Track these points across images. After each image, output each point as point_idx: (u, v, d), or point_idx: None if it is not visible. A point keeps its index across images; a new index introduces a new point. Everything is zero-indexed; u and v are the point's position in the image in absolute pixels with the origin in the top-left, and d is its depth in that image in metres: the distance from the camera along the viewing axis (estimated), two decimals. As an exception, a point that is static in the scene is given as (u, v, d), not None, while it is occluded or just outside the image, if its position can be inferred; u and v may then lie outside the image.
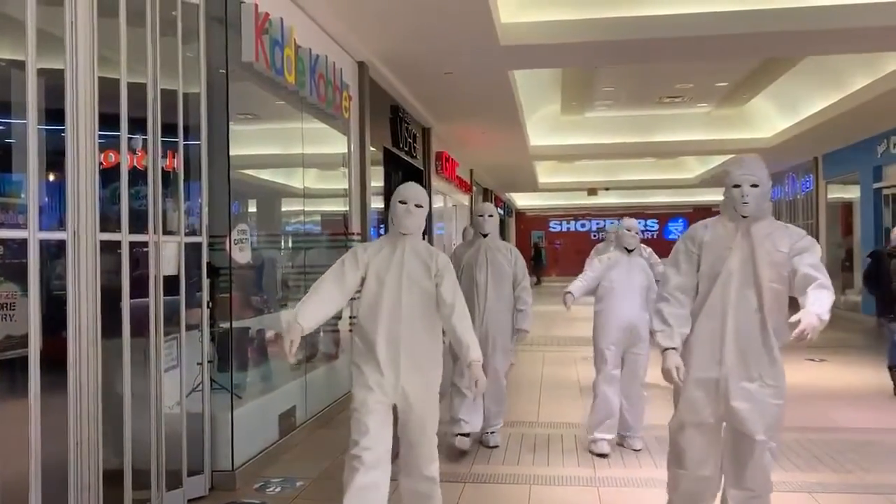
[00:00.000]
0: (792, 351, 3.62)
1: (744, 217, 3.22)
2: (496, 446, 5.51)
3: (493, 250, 5.51)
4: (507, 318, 5.51)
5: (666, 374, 3.17)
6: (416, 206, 3.48)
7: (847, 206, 16.01)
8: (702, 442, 3.32)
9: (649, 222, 30.88)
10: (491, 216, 5.54)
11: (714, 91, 13.17)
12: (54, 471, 3.39)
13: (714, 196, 27.62)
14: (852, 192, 15.30)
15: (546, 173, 22.09)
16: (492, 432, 5.57)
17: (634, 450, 5.36)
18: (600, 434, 5.30)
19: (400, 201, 3.48)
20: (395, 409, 3.44)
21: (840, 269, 15.44)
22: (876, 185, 13.71)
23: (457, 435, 5.37)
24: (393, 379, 3.35)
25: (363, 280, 3.44)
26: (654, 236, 30.19)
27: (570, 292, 5.38)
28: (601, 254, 6.99)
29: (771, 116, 14.28)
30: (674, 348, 3.21)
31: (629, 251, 5.46)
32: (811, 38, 7.63)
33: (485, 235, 5.53)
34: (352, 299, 3.61)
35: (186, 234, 4.33)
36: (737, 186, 3.21)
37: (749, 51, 8.82)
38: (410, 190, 3.53)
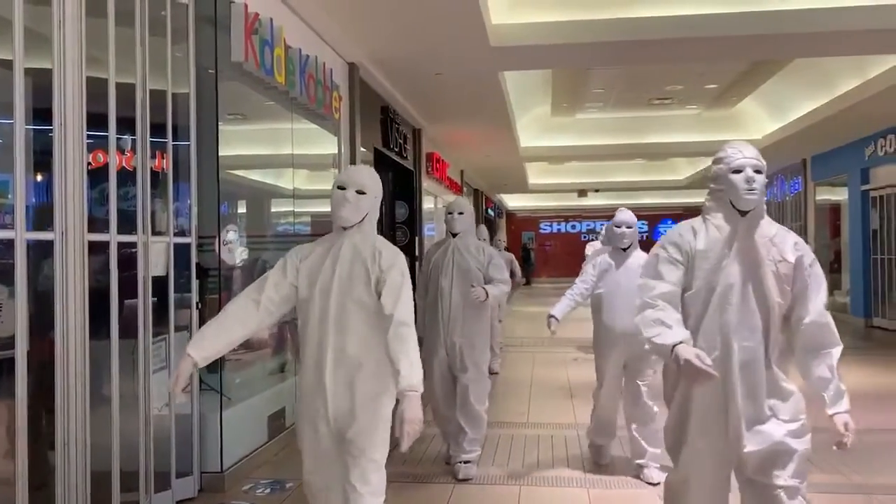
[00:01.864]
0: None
1: (743, 214, 2.64)
2: (468, 479, 4.78)
3: (461, 251, 4.91)
4: (478, 328, 4.92)
5: (687, 365, 2.43)
6: (358, 192, 2.85)
7: (835, 208, 16.12)
8: (711, 500, 2.77)
9: (639, 223, 30.91)
10: (461, 213, 4.95)
11: (704, 93, 13.22)
12: (41, 472, 3.37)
13: (704, 197, 27.69)
14: (840, 194, 15.40)
15: (536, 174, 22.11)
16: (466, 462, 4.84)
17: (652, 484, 4.61)
18: (600, 440, 5.08)
19: (338, 186, 2.86)
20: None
21: (829, 270, 15.54)
22: (864, 188, 13.81)
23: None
24: (323, 405, 2.79)
25: (297, 289, 2.87)
26: (644, 238, 30.22)
27: (553, 316, 4.83)
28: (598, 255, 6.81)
29: (760, 118, 14.35)
30: (681, 342, 2.50)
31: (624, 250, 4.87)
32: (799, 41, 7.67)
33: (454, 235, 4.98)
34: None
35: (175, 235, 4.31)
36: (737, 172, 2.62)
37: (738, 53, 8.85)
38: (352, 173, 2.93)
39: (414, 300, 2.80)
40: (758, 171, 2.62)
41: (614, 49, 7.87)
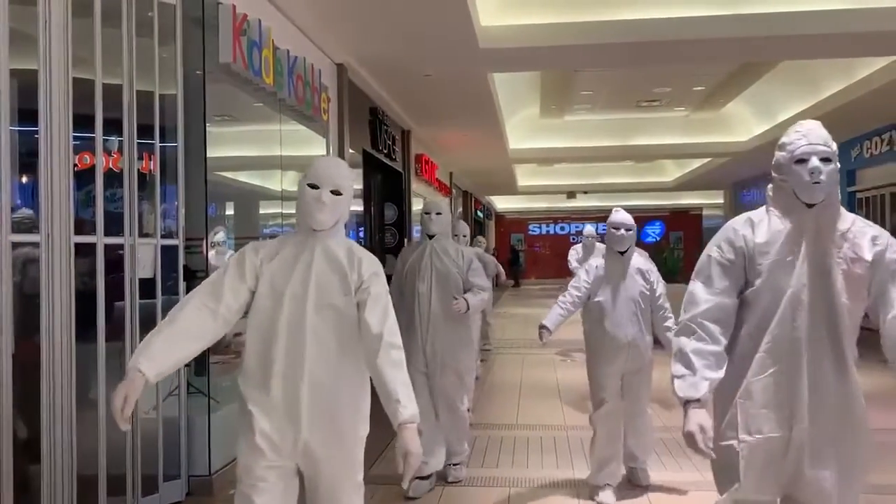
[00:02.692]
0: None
1: (810, 206, 2.31)
2: (458, 481, 4.73)
3: (439, 254, 4.63)
4: (459, 335, 4.66)
5: (688, 438, 2.26)
6: (334, 192, 2.48)
7: (822, 210, 16.21)
8: None
9: (628, 225, 31.05)
10: (439, 214, 4.67)
11: (691, 95, 13.29)
12: (27, 476, 3.34)
13: (691, 199, 28.03)
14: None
15: (525, 176, 22.16)
16: (455, 464, 4.77)
17: (642, 486, 4.56)
18: (603, 479, 4.44)
19: (310, 185, 2.48)
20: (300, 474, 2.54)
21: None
22: (850, 189, 13.92)
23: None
24: (291, 432, 2.41)
25: (254, 294, 2.49)
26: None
27: (545, 327, 4.51)
28: (583, 260, 6.52)
29: (747, 120, 14.44)
30: (697, 400, 2.27)
31: (622, 253, 4.43)
32: (786, 44, 7.73)
33: (431, 237, 4.69)
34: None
35: (163, 237, 4.28)
36: (801, 162, 2.29)
37: (726, 55, 8.91)
38: (326, 169, 2.53)
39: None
40: (826, 160, 2.30)
41: (603, 51, 7.91)
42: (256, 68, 5.16)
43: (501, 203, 31.19)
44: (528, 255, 31.79)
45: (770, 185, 2.45)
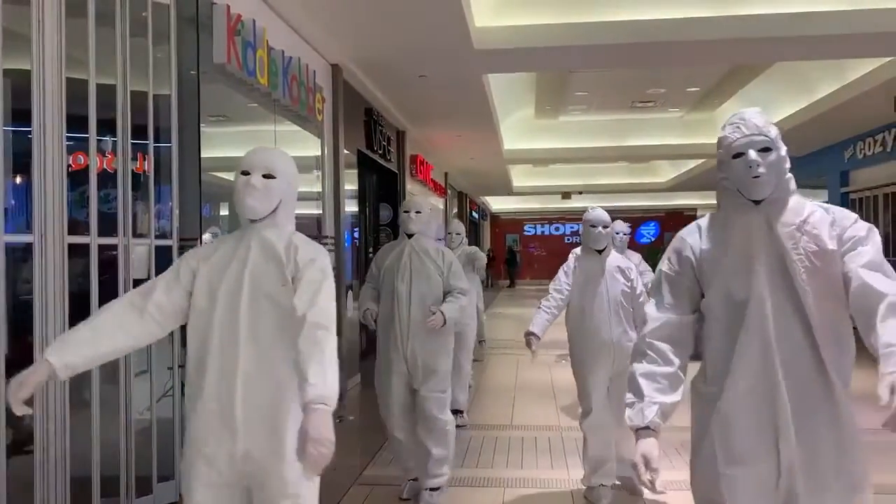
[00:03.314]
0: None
1: (757, 203, 2.09)
2: None
3: (419, 254, 4.37)
4: (441, 339, 4.35)
5: (633, 468, 2.05)
6: (266, 176, 2.30)
7: (815, 211, 16.26)
8: None
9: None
10: (419, 212, 4.43)
11: (686, 96, 13.32)
12: (21, 478, 3.33)
13: (686, 200, 28.12)
14: (820, 197, 15.54)
15: (520, 177, 22.18)
16: (432, 489, 4.33)
17: (639, 494, 4.37)
18: (598, 480, 4.38)
19: (242, 171, 2.33)
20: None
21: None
22: (843, 190, 13.98)
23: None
24: (227, 441, 2.20)
25: (193, 298, 2.32)
26: (627, 240, 30.44)
27: (533, 333, 4.34)
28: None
29: (741, 121, 14.47)
30: (645, 428, 2.06)
31: (599, 252, 4.35)
32: (780, 45, 7.75)
33: (410, 236, 4.46)
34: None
35: (157, 237, 4.27)
36: (738, 156, 2.08)
37: (720, 56, 8.94)
38: (257, 153, 2.37)
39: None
40: (765, 150, 2.07)
41: (597, 52, 7.92)
42: (251, 68, 5.15)
43: (497, 204, 31.21)
44: (523, 256, 31.83)
45: (718, 187, 2.22)
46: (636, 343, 2.24)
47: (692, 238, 2.21)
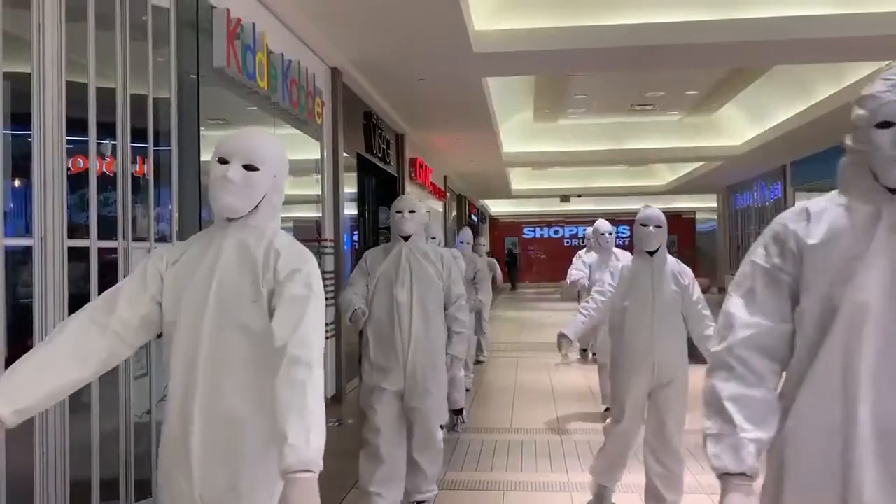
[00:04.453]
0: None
1: (893, 192, 1.54)
2: None
3: (417, 258, 4.04)
4: (440, 346, 4.10)
5: None
6: (247, 167, 1.93)
7: (815, 214, 16.27)
8: None
9: (621, 228, 31.11)
10: (413, 212, 4.06)
11: (685, 99, 13.34)
12: (20, 481, 3.32)
13: (685, 203, 28.10)
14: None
15: (519, 180, 22.20)
16: (419, 502, 4.14)
17: None
18: (604, 481, 4.22)
19: (218, 159, 1.97)
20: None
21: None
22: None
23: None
24: (186, 485, 1.89)
25: (162, 307, 1.99)
26: (627, 242, 30.46)
27: (565, 335, 4.17)
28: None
29: (740, 124, 14.50)
30: (741, 475, 1.54)
31: (651, 254, 3.97)
32: (778, 48, 7.77)
33: (406, 238, 4.11)
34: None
35: (156, 241, 4.27)
36: (886, 125, 1.52)
37: (719, 60, 8.96)
38: (237, 138, 2.01)
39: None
40: None
41: (596, 55, 7.94)
42: (250, 72, 5.16)
43: (496, 207, 31.23)
44: (522, 259, 31.83)
45: (842, 160, 1.71)
46: (717, 354, 1.68)
47: (797, 224, 1.67)
